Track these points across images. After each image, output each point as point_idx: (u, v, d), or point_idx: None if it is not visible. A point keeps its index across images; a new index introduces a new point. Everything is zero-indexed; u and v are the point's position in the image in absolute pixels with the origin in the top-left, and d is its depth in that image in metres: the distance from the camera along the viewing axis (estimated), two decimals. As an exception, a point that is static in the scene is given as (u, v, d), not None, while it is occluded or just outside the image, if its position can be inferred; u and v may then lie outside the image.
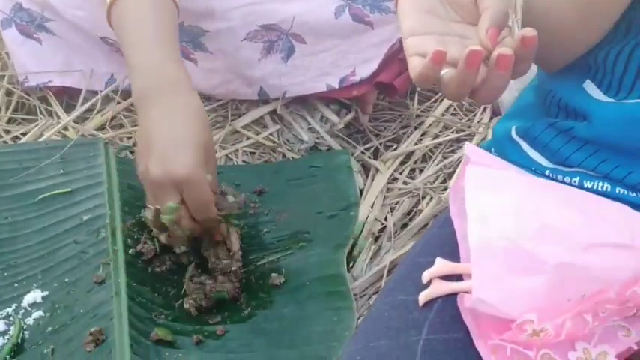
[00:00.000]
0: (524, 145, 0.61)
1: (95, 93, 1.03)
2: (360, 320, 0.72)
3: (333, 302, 0.71)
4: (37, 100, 1.04)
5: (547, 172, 0.59)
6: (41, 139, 0.96)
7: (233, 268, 0.73)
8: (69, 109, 1.03)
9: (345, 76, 0.99)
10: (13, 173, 0.87)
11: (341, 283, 0.73)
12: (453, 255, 0.54)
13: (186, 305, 0.71)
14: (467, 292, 0.50)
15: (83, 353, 0.65)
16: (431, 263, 0.54)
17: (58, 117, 1.01)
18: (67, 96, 1.05)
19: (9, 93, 1.06)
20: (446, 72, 0.50)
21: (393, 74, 1.00)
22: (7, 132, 1.00)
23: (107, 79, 1.03)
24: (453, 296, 0.52)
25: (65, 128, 0.99)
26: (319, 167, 0.93)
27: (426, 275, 0.53)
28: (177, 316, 0.71)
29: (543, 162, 0.59)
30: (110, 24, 0.79)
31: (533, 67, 0.89)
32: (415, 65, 0.51)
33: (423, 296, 0.53)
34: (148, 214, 0.71)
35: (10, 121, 1.03)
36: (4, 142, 0.98)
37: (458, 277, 0.53)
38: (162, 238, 0.73)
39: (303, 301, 0.72)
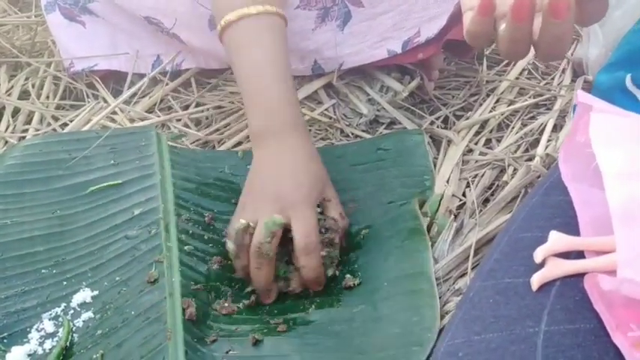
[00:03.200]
0: None
1: (141, 76, 0.98)
2: (445, 308, 0.64)
3: (412, 301, 0.63)
4: (83, 85, 1.00)
5: None
6: (90, 124, 0.92)
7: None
8: (116, 94, 0.99)
9: (408, 39, 0.90)
10: (62, 163, 0.82)
11: (424, 281, 0.64)
12: (567, 228, 0.46)
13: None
14: (594, 272, 0.42)
15: (134, 358, 0.60)
16: (539, 239, 0.46)
17: (106, 101, 0.97)
18: (113, 80, 1.01)
19: (56, 80, 1.02)
20: (503, 28, 0.43)
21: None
22: (56, 119, 0.97)
23: (153, 60, 0.99)
24: (574, 278, 0.43)
25: (113, 112, 0.94)
26: (388, 150, 0.83)
27: (539, 253, 0.45)
28: (234, 319, 0.65)
29: None
30: (222, 43, 0.76)
31: (629, 17, 0.78)
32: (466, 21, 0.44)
33: (538, 279, 0.44)
34: (235, 225, 0.66)
35: (57, 107, 1.00)
36: (53, 129, 0.95)
37: (577, 255, 0.44)
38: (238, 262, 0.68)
39: (377, 301, 0.64)
